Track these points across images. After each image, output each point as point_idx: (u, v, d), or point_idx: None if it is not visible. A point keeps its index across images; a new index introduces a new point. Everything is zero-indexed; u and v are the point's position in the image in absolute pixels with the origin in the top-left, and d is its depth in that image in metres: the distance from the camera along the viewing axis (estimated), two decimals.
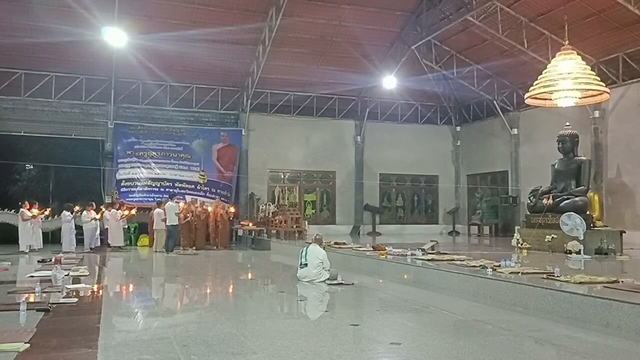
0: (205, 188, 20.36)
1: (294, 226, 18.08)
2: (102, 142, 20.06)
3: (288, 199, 22.36)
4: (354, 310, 7.11)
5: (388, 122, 23.80)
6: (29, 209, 15.51)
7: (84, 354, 4.32)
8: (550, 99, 13.55)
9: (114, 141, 19.85)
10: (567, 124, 13.70)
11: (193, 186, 20.24)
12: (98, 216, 16.62)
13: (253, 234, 19.19)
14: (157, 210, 16.41)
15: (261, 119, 21.88)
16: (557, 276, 6.84)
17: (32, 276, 9.24)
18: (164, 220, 15.92)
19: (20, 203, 16.13)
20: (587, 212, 12.30)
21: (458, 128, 24.58)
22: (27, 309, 5.80)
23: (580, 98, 13.35)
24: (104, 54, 17.98)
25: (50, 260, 10.79)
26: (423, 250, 10.62)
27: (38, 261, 11.88)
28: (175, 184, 19.95)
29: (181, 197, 18.55)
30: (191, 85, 21.05)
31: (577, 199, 12.36)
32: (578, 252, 10.66)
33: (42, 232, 16.26)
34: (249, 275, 11.45)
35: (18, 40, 16.84)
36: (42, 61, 18.70)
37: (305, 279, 8.75)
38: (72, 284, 8.37)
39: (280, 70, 20.48)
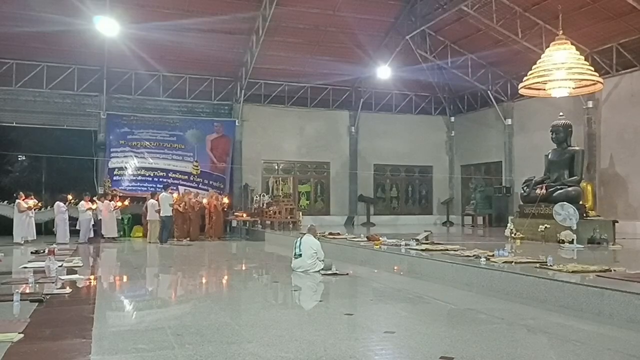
0: (199, 179, 20.30)
1: (288, 217, 18.08)
2: (95, 133, 19.91)
3: (282, 189, 22.29)
4: (348, 299, 7.14)
5: (382, 113, 23.77)
6: (24, 200, 15.44)
7: (78, 344, 4.31)
8: (544, 89, 13.56)
9: (107, 132, 19.71)
10: (561, 114, 13.73)
11: (186, 177, 20.17)
12: (94, 206, 16.56)
13: (247, 225, 19.19)
14: (151, 201, 16.38)
15: (255, 109, 21.80)
16: (550, 265, 6.88)
17: (25, 267, 9.21)
18: (158, 211, 15.89)
19: (15, 195, 16.05)
20: (580, 202, 12.38)
21: (452, 118, 24.58)
22: (20, 300, 5.77)
23: (574, 88, 13.37)
24: (95, 43, 17.82)
25: (44, 252, 10.75)
26: (417, 240, 10.64)
27: (31, 252, 11.83)
28: (169, 174, 19.89)
29: (174, 188, 18.50)
30: (184, 76, 20.92)
31: (570, 188, 12.42)
32: (571, 242, 10.73)
33: (35, 223, 16.18)
34: (243, 266, 11.46)
35: (9, 30, 16.65)
36: (34, 51, 18.51)
37: (299, 269, 8.77)
38: (66, 274, 8.34)
39: (274, 60, 20.37)
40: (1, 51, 18.32)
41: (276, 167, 22.73)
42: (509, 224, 13.05)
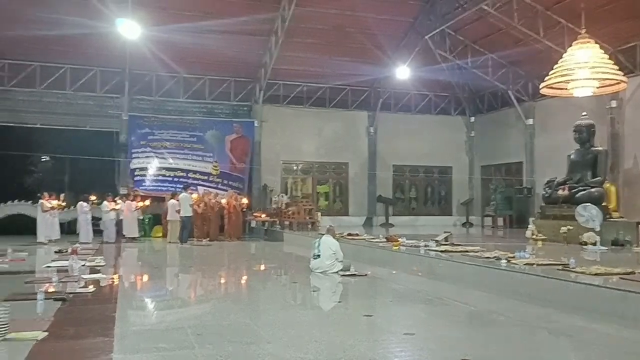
0: (218, 179, 20.44)
1: (307, 217, 18.14)
2: (117, 134, 20.20)
3: (301, 190, 22.38)
4: (367, 301, 7.12)
5: (401, 113, 23.66)
6: (47, 201, 15.73)
7: (100, 343, 4.38)
8: (567, 89, 13.37)
9: (128, 133, 19.97)
10: (584, 113, 13.52)
11: (206, 177, 20.32)
12: (118, 206, 16.75)
13: (266, 225, 19.25)
14: (171, 201, 16.53)
15: (274, 110, 21.87)
16: (573, 268, 6.78)
17: (49, 266, 9.37)
18: (178, 211, 16.04)
19: (39, 195, 16.33)
20: (603, 203, 12.18)
21: (472, 118, 24.35)
22: (44, 299, 5.87)
23: (597, 87, 13.16)
24: (117, 46, 18.05)
25: (67, 251, 10.93)
26: (436, 241, 10.58)
27: (55, 252, 12.03)
28: (189, 174, 20.06)
29: (194, 188, 18.66)
30: (204, 77, 21.08)
31: (593, 190, 12.23)
32: (594, 244, 10.56)
33: (59, 223, 16.44)
34: (262, 266, 11.51)
35: (33, 33, 16.95)
36: (57, 53, 18.84)
37: (318, 270, 8.77)
38: (89, 274, 8.46)
39: (293, 61, 20.41)
40: (26, 54, 18.69)
41: (295, 167, 22.79)
42: (530, 225, 12.90)
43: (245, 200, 18.98)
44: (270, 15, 18.42)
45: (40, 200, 15.74)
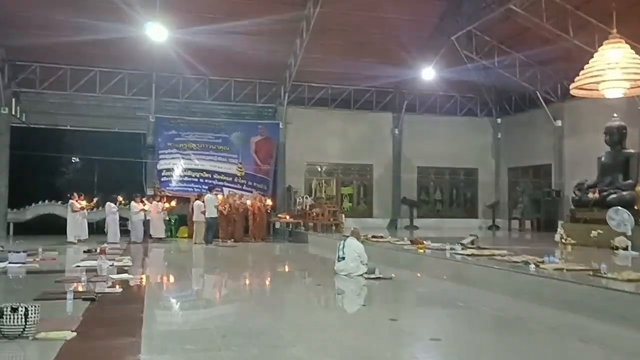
0: (243, 181, 20.58)
1: (331, 219, 18.11)
2: (144, 136, 20.52)
3: (325, 192, 22.36)
4: (392, 304, 7.07)
5: (426, 115, 23.46)
6: (77, 201, 16.07)
7: (128, 343, 4.43)
8: (597, 90, 13.08)
9: (155, 134, 20.25)
10: (615, 115, 13.23)
11: (231, 178, 20.48)
12: (147, 207, 16.98)
13: (290, 227, 19.30)
14: (197, 202, 16.71)
15: (299, 112, 21.92)
16: (604, 273, 6.61)
17: (78, 266, 9.55)
18: (204, 212, 16.19)
19: (69, 195, 16.69)
20: (635, 207, 11.86)
21: (499, 120, 24.01)
22: (73, 298, 5.97)
23: (628, 88, 12.84)
24: (145, 49, 18.29)
25: (96, 251, 11.12)
26: (462, 244, 10.45)
27: (84, 251, 12.26)
28: (214, 175, 20.25)
29: (219, 190, 18.82)
30: (230, 79, 21.24)
31: (624, 193, 11.95)
32: (625, 248, 10.31)
33: (88, 223, 16.77)
34: (287, 268, 11.53)
35: (64, 37, 17.29)
36: (87, 57, 19.19)
37: (342, 272, 8.74)
38: (117, 274, 8.58)
39: (318, 63, 20.40)
40: (57, 58, 19.08)
41: (319, 169, 22.79)
42: (558, 229, 12.63)
43: (269, 202, 19.06)
44: (295, 17, 18.45)
45: (70, 201, 16.09)
